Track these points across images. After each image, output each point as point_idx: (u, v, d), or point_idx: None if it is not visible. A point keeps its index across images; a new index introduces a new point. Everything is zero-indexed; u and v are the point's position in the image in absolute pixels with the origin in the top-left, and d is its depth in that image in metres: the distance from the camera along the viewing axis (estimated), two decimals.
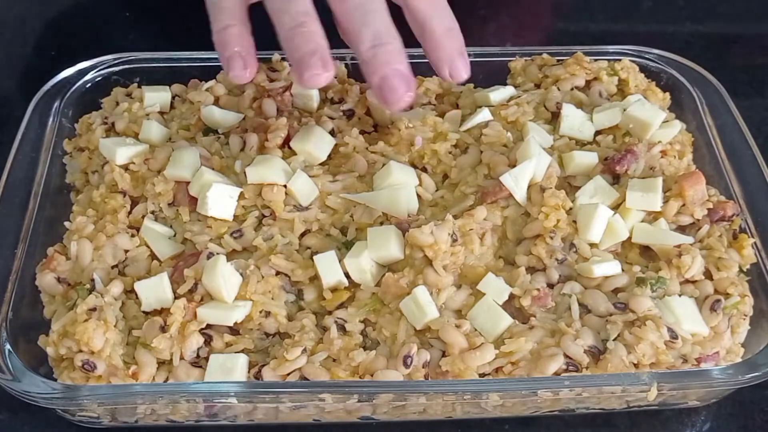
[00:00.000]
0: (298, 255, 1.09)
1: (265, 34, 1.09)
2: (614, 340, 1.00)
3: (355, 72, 1.35)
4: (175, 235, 1.13)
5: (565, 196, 1.09)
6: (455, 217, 1.08)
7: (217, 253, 1.06)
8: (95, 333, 0.98)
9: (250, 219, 1.11)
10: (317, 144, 1.17)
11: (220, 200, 1.10)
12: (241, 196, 1.12)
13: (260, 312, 1.04)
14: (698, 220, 1.11)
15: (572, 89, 1.28)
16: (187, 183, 1.12)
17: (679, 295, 1.05)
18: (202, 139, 1.22)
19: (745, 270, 1.09)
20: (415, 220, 1.10)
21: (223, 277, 1.02)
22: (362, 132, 1.23)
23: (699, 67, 1.33)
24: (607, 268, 1.05)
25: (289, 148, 1.19)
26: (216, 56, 1.35)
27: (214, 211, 1.09)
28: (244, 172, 1.13)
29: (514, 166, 1.13)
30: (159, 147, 1.18)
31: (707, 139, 1.25)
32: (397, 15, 1.10)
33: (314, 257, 1.06)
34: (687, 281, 1.06)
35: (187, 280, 1.05)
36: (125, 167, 1.17)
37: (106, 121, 1.25)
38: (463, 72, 1.10)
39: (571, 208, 1.10)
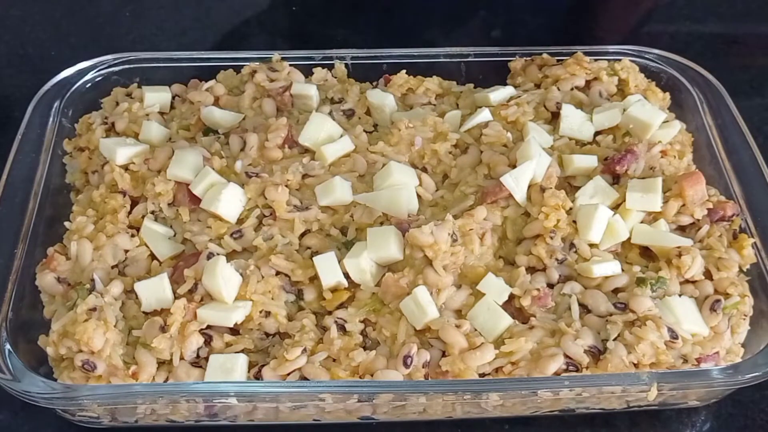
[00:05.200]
0: (298, 255, 1.09)
1: (264, 33, 1.09)
2: (614, 340, 1.00)
3: (355, 72, 1.35)
4: (175, 235, 1.13)
5: (565, 196, 1.09)
6: (455, 217, 1.08)
7: (217, 254, 1.06)
8: (95, 333, 0.98)
9: (250, 219, 1.11)
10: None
11: (232, 200, 1.10)
12: None
13: (260, 312, 1.04)
14: (698, 220, 1.11)
15: (572, 89, 1.28)
16: (188, 183, 1.12)
17: (679, 295, 1.05)
18: (202, 139, 1.22)
19: (745, 270, 1.09)
20: (415, 220, 1.10)
21: (223, 277, 1.02)
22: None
23: (699, 67, 1.33)
24: (607, 268, 1.05)
25: (290, 148, 1.19)
26: (216, 56, 1.36)
27: (224, 209, 1.09)
28: (245, 173, 1.14)
29: (514, 166, 1.13)
30: (159, 147, 1.18)
31: (707, 139, 1.25)
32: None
33: (314, 258, 1.06)
34: (687, 281, 1.06)
35: (187, 280, 1.05)
36: (125, 167, 1.17)
37: (106, 121, 1.25)
38: None
39: (571, 208, 1.10)
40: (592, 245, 1.08)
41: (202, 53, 1.36)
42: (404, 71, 1.32)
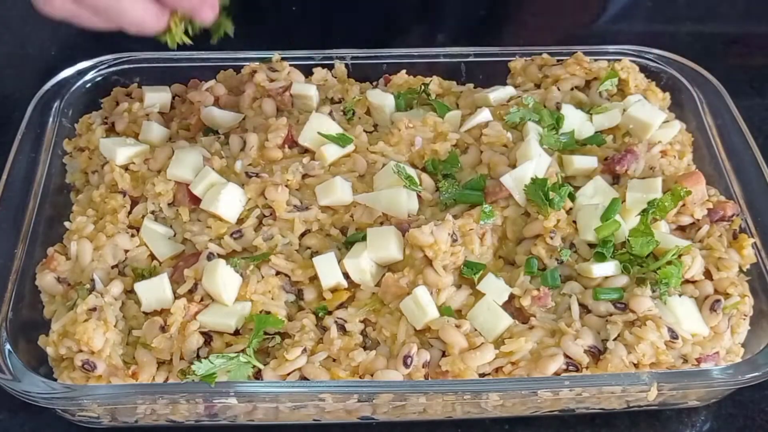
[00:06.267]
0: (298, 255, 1.09)
1: (263, 33, 1.09)
2: (614, 340, 1.00)
3: (355, 72, 1.35)
4: (175, 235, 1.13)
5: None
6: (455, 217, 1.08)
7: (217, 255, 1.06)
8: (95, 333, 0.98)
9: (250, 219, 1.11)
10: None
11: (231, 201, 1.10)
12: None
13: (260, 312, 1.04)
14: (698, 220, 1.11)
15: (572, 89, 1.28)
16: (188, 183, 1.12)
17: (679, 295, 1.05)
18: (202, 139, 1.22)
19: (745, 270, 1.09)
20: (415, 220, 1.10)
21: (223, 280, 1.02)
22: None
23: (699, 67, 1.33)
24: (607, 268, 1.05)
25: (290, 148, 1.19)
26: (216, 56, 1.35)
27: (223, 210, 1.09)
28: (245, 173, 1.14)
29: (514, 166, 1.13)
30: (159, 147, 1.18)
31: (707, 139, 1.25)
32: None
33: (314, 259, 1.06)
34: (687, 281, 1.06)
35: (187, 280, 1.05)
36: (125, 167, 1.17)
37: (106, 121, 1.25)
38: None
39: (571, 208, 1.10)
40: (591, 245, 1.08)
41: (202, 53, 1.35)
42: (404, 71, 1.33)
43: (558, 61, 1.33)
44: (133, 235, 1.11)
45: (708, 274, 1.07)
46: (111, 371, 0.99)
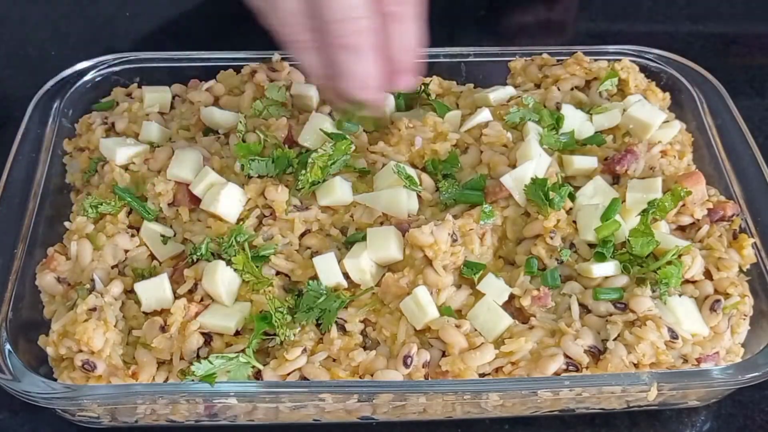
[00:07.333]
0: (298, 255, 1.09)
1: (264, 33, 1.08)
2: (614, 340, 1.00)
3: None
4: (175, 235, 1.13)
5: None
6: (455, 217, 1.08)
7: (218, 254, 1.06)
8: (95, 333, 0.98)
9: (250, 219, 1.11)
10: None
11: (231, 200, 1.10)
12: None
13: (260, 312, 1.04)
14: (698, 220, 1.11)
15: (572, 89, 1.28)
16: (188, 183, 1.12)
17: (679, 295, 1.05)
18: (202, 139, 1.22)
19: (745, 270, 1.09)
20: (415, 220, 1.10)
21: (223, 281, 1.02)
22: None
23: (699, 67, 1.33)
24: (607, 268, 1.05)
25: (290, 148, 1.19)
26: (216, 56, 1.35)
27: (223, 210, 1.09)
28: (247, 175, 1.13)
29: (514, 166, 1.13)
30: (159, 147, 1.18)
31: (707, 139, 1.25)
32: None
33: (314, 259, 1.06)
34: (687, 281, 1.06)
35: (187, 280, 1.05)
36: (125, 167, 1.17)
37: (106, 121, 1.25)
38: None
39: (571, 208, 1.10)
40: (591, 245, 1.08)
41: (202, 53, 1.35)
42: None
43: (558, 61, 1.33)
44: (133, 235, 1.11)
45: (708, 274, 1.07)
46: (111, 371, 0.99)
